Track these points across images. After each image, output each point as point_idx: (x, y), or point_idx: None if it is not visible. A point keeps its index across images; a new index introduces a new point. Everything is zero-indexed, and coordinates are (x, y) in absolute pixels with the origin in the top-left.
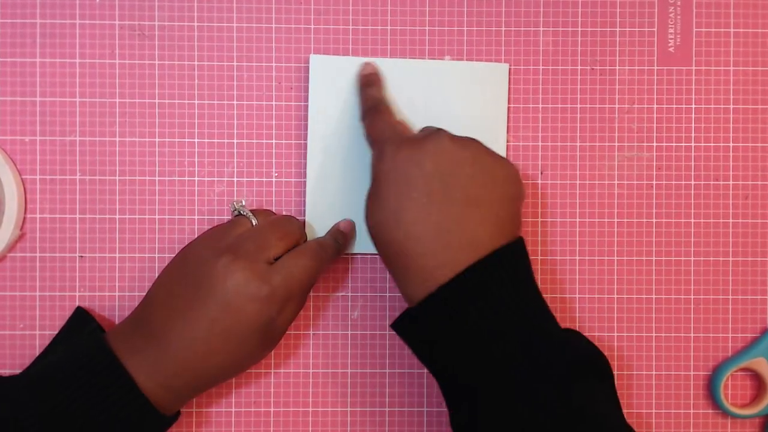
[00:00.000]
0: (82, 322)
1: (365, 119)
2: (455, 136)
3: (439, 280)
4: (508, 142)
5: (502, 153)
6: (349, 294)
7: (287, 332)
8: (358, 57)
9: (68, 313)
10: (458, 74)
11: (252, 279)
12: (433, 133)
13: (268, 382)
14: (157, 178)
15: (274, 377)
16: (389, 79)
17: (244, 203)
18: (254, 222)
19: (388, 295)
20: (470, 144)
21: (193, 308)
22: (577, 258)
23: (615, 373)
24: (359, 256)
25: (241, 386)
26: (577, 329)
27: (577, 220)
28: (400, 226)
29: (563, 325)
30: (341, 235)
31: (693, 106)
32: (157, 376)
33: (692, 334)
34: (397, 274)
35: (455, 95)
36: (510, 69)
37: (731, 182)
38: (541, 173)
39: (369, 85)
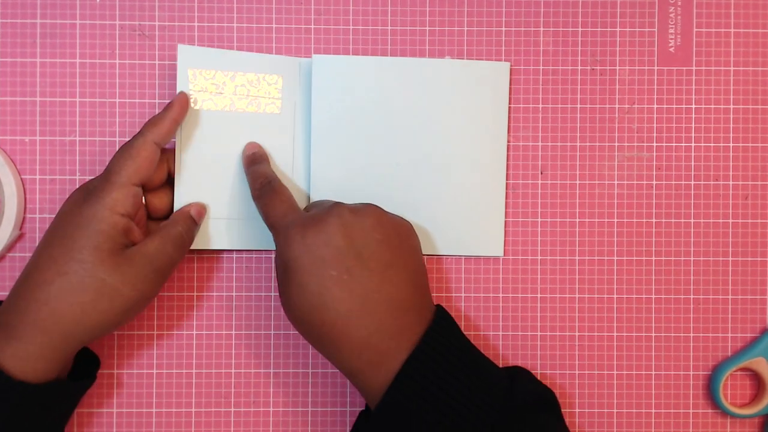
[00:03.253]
0: None
1: (260, 199)
2: (352, 206)
3: (375, 344)
4: (508, 142)
5: (503, 152)
6: None
7: (287, 332)
8: (361, 56)
9: None
10: (459, 73)
11: (79, 190)
12: (332, 208)
13: (267, 382)
14: None
15: (273, 377)
16: (391, 78)
17: None
18: None
19: None
20: (370, 210)
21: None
22: (577, 258)
23: (615, 372)
24: None
25: (241, 386)
26: (577, 329)
27: (577, 220)
28: (327, 307)
29: (565, 325)
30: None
31: (693, 106)
32: (6, 343)
33: (692, 334)
34: (329, 350)
35: (456, 94)
36: (510, 68)
37: (731, 182)
38: (541, 173)
39: (256, 162)
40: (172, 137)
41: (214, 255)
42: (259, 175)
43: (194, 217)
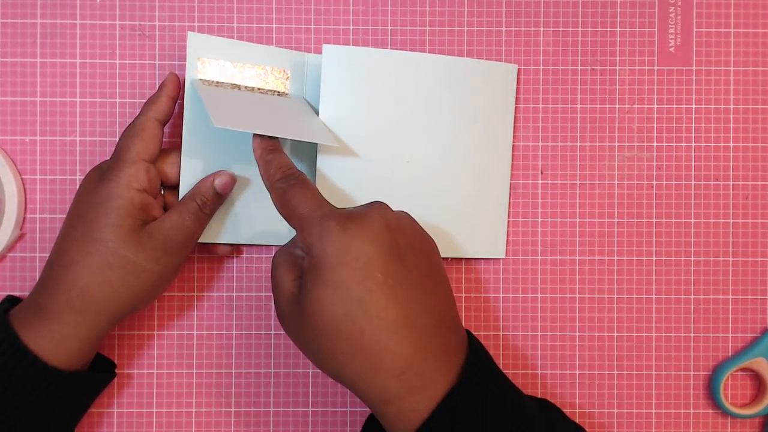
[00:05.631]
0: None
1: (283, 190)
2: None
3: (419, 364)
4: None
5: (508, 153)
6: None
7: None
8: (372, 48)
9: None
10: (469, 71)
11: (95, 169)
12: (374, 205)
13: (268, 382)
14: None
15: (274, 377)
16: (401, 71)
17: None
18: None
19: None
20: (409, 217)
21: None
22: (577, 258)
23: (615, 372)
24: None
25: (241, 386)
26: (577, 329)
27: (577, 220)
28: (369, 314)
29: (566, 325)
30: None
31: (693, 106)
32: (41, 325)
33: (692, 334)
34: (358, 369)
35: (465, 93)
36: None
37: (731, 182)
38: (541, 173)
39: (273, 151)
40: (172, 114)
41: (214, 255)
42: (281, 165)
43: (217, 189)
